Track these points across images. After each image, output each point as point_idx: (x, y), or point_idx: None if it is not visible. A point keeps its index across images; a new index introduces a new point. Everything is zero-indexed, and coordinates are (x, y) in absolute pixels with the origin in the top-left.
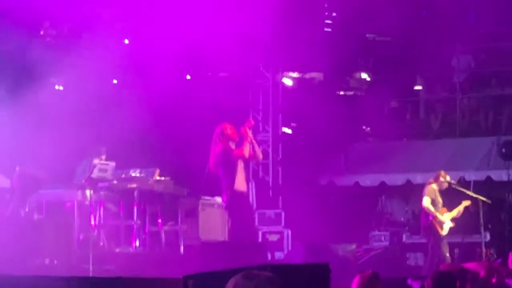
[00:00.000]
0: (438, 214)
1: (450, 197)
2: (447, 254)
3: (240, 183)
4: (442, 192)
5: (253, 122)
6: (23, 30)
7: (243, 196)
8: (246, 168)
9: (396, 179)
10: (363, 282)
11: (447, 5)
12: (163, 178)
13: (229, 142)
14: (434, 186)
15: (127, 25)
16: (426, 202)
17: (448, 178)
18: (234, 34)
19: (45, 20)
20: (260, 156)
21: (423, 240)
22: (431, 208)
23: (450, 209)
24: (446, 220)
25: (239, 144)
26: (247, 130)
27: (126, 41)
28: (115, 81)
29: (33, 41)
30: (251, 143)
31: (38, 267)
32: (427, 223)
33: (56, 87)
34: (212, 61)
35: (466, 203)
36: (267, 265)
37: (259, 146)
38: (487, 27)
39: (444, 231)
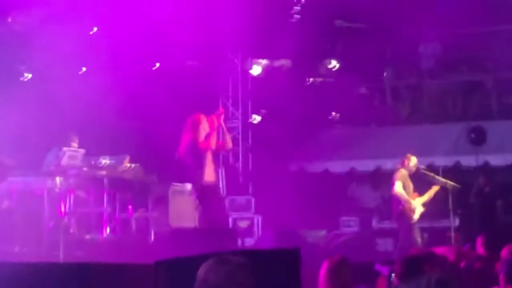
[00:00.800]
0: (410, 199)
1: (420, 182)
2: (419, 239)
3: (210, 174)
4: (412, 177)
5: (223, 111)
6: None
7: (212, 186)
8: (215, 157)
9: (366, 165)
10: (331, 267)
11: None
12: (133, 165)
13: (198, 133)
14: (404, 171)
15: (95, 12)
16: (398, 187)
17: (414, 160)
18: (202, 21)
19: (14, 7)
20: (230, 144)
21: (393, 226)
22: (404, 193)
23: (420, 194)
24: (417, 205)
25: (208, 135)
26: (214, 119)
27: (95, 29)
28: (84, 69)
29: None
30: (221, 132)
31: (8, 254)
32: (398, 209)
33: (25, 74)
34: (180, 48)
35: (436, 187)
36: (238, 251)
37: (229, 133)
38: (454, 12)
39: (416, 216)
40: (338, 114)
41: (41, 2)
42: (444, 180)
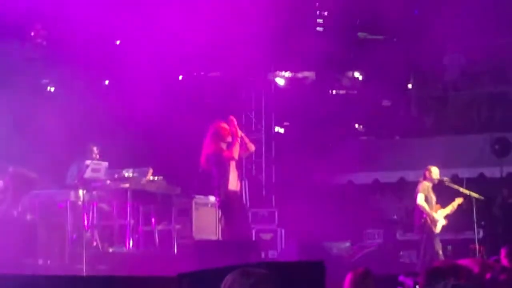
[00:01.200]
0: (432, 212)
1: (443, 194)
2: (440, 252)
3: (233, 183)
4: (436, 189)
5: (232, 117)
6: (14, 30)
7: (236, 195)
8: (239, 167)
9: (389, 176)
10: (355, 279)
11: (438, 3)
12: (156, 178)
13: (221, 142)
14: (426, 183)
15: (118, 25)
16: (421, 199)
17: (436, 171)
18: (227, 33)
19: (36, 21)
20: (252, 147)
21: (416, 237)
22: (426, 206)
23: (443, 206)
24: (440, 217)
25: (231, 144)
26: (236, 128)
27: (118, 42)
28: (106, 82)
29: (24, 42)
30: (241, 139)
31: (31, 267)
32: (420, 221)
33: (48, 88)
34: (205, 60)
35: (459, 200)
36: (262, 263)
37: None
38: (478, 24)
39: (438, 229)
40: (361, 126)
41: (62, 15)
42: (468, 191)
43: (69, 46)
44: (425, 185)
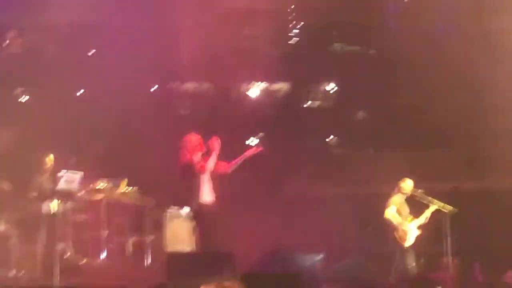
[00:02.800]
0: (403, 224)
1: (417, 205)
2: (413, 264)
3: (206, 194)
4: (409, 200)
5: (217, 138)
6: None
7: (210, 207)
8: (213, 179)
9: (364, 189)
10: None
11: (414, 14)
12: (130, 189)
13: (194, 153)
14: (400, 194)
15: (92, 34)
16: (388, 212)
17: (410, 184)
18: (202, 44)
19: (11, 29)
20: (230, 170)
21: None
22: (394, 219)
23: (417, 216)
24: (413, 228)
25: (206, 155)
26: (214, 144)
27: (92, 51)
28: (82, 91)
29: None
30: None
31: (3, 278)
32: (392, 233)
33: (22, 97)
34: (179, 71)
35: (432, 208)
36: (237, 275)
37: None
38: (453, 36)
39: (408, 241)
40: (335, 138)
41: (39, 24)
42: (441, 204)
43: (44, 55)
44: (397, 197)
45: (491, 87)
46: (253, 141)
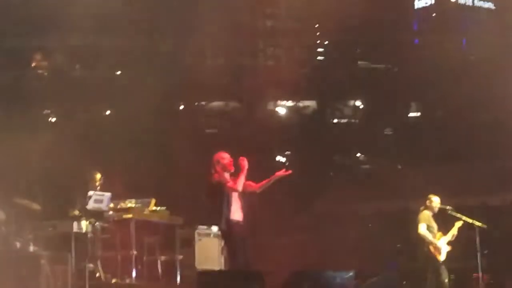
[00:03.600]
0: (434, 240)
1: (447, 222)
2: (446, 280)
3: (235, 212)
4: (437, 217)
5: (244, 159)
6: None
7: (239, 225)
8: (242, 197)
9: (393, 205)
10: None
11: (439, 32)
12: (158, 208)
13: (224, 172)
14: (427, 211)
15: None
16: (422, 229)
17: (436, 200)
18: (229, 63)
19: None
20: (258, 190)
21: (420, 267)
22: (428, 235)
23: (445, 233)
24: (443, 245)
25: (235, 175)
26: (243, 162)
27: (118, 72)
28: (108, 112)
29: (25, 72)
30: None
31: None
32: (424, 250)
33: (50, 118)
34: (207, 90)
35: (458, 224)
36: None
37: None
38: (477, 52)
39: (442, 257)
40: (363, 155)
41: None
42: (470, 219)
43: (70, 76)
44: (426, 214)
45: None
46: (280, 159)
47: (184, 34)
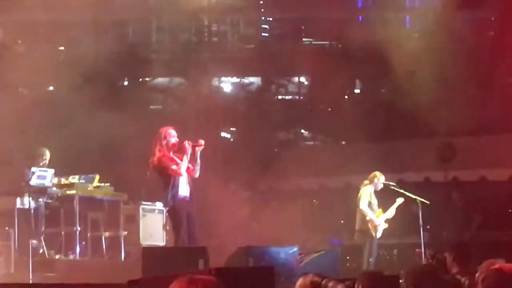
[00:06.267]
0: (374, 217)
1: (387, 198)
2: (371, 259)
3: (183, 188)
4: (379, 194)
5: (202, 144)
6: None
7: (184, 201)
8: (188, 172)
9: (336, 181)
10: (305, 285)
11: (382, 9)
12: (103, 184)
13: (169, 151)
14: (369, 187)
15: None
16: (363, 205)
17: (382, 178)
18: (172, 37)
19: None
20: (196, 174)
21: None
22: (368, 212)
23: (385, 210)
24: (381, 222)
25: (178, 156)
26: (188, 146)
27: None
28: (51, 87)
29: None
30: (192, 160)
31: None
32: (361, 226)
33: None
34: (149, 65)
35: (398, 201)
36: (211, 269)
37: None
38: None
39: (379, 233)
40: (307, 131)
41: None
42: (413, 196)
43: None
44: (367, 190)
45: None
46: (225, 135)
47: (128, 11)
